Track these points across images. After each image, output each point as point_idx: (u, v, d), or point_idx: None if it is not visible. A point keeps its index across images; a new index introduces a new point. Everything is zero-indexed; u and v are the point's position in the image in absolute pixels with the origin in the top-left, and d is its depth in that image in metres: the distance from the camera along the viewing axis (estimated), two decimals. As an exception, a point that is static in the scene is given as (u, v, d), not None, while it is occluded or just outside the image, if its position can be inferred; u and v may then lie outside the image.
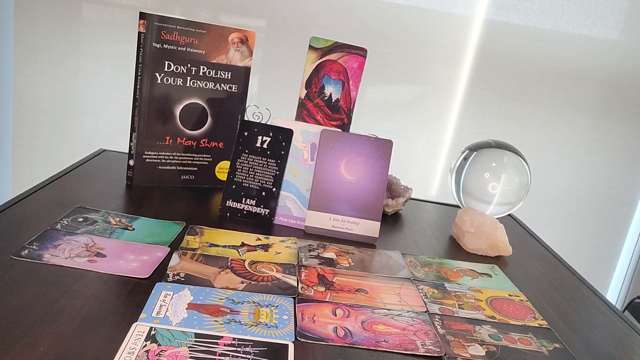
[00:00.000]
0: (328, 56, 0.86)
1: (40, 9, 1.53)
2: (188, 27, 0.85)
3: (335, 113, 0.87)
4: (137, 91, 0.84)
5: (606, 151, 1.72)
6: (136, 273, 0.59)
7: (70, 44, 1.56)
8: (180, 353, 0.46)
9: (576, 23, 1.60)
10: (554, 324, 0.63)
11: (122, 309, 0.52)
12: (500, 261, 0.81)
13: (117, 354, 0.45)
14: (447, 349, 0.54)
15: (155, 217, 0.76)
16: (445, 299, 0.65)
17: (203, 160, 0.92)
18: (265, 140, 0.82)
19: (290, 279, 0.63)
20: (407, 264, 0.74)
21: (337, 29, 1.59)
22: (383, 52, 1.62)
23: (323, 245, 0.76)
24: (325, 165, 0.81)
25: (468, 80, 1.65)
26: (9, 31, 1.54)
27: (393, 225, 0.91)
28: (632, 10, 1.59)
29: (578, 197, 1.75)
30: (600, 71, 1.64)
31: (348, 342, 0.52)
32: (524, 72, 1.64)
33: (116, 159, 0.98)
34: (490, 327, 0.60)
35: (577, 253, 1.79)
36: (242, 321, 0.53)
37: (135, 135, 0.86)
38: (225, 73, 0.89)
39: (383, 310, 0.60)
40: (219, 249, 0.69)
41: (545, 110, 1.68)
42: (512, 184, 0.92)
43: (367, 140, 0.81)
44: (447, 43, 1.63)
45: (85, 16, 1.55)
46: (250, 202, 0.81)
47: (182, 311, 0.53)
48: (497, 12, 1.59)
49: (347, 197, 0.80)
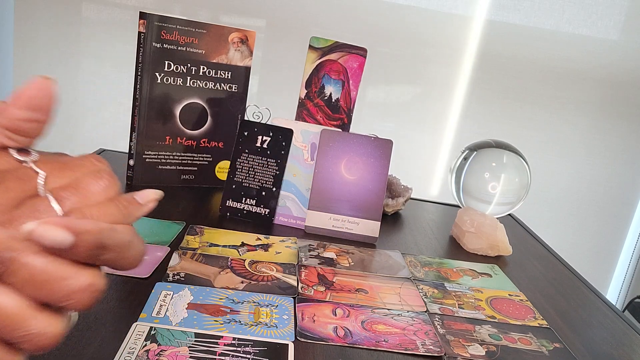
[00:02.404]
0: (328, 56, 0.86)
1: (40, 9, 1.53)
2: (188, 27, 0.85)
3: (335, 113, 0.87)
4: (137, 91, 0.84)
5: (606, 151, 1.72)
6: (136, 273, 0.59)
7: (70, 43, 1.56)
8: (180, 353, 0.46)
9: (576, 23, 1.60)
10: (554, 324, 0.63)
11: (122, 308, 0.52)
12: (500, 261, 0.81)
13: (117, 354, 0.45)
14: (447, 348, 0.53)
15: (155, 217, 0.76)
16: (445, 299, 0.65)
17: (203, 160, 0.92)
18: (265, 140, 0.81)
19: (290, 279, 0.63)
20: (407, 263, 0.74)
21: (337, 29, 1.59)
22: (383, 52, 1.62)
23: (323, 245, 0.76)
24: (325, 165, 0.81)
25: (468, 80, 1.66)
26: (9, 31, 1.54)
27: (393, 225, 0.91)
28: (632, 10, 1.59)
29: (578, 197, 1.75)
30: (600, 71, 1.64)
31: (348, 342, 0.52)
32: (524, 72, 1.64)
33: (116, 159, 0.97)
34: (490, 326, 0.60)
35: (577, 253, 1.79)
36: (242, 321, 0.53)
37: (135, 135, 0.86)
38: (225, 73, 0.89)
39: (383, 310, 0.60)
40: (219, 249, 0.69)
41: (545, 110, 1.68)
42: (512, 184, 0.92)
43: (367, 140, 0.81)
44: (448, 43, 1.63)
45: (85, 16, 1.55)
46: (250, 202, 0.81)
47: (182, 311, 0.53)
48: (498, 12, 1.59)
49: (347, 197, 0.80)
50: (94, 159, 0.30)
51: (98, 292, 0.26)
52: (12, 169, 0.27)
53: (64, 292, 0.25)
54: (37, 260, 0.24)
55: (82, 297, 0.26)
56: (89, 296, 0.26)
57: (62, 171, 0.28)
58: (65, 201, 0.27)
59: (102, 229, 0.26)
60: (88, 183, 0.28)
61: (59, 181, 0.28)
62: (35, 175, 0.27)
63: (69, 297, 0.25)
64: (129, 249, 0.28)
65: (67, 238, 0.24)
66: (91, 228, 0.25)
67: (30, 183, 0.27)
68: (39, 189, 0.27)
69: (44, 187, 0.27)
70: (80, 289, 0.25)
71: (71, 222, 0.25)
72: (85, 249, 0.25)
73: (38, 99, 0.27)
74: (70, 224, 0.25)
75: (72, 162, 0.29)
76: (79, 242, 0.25)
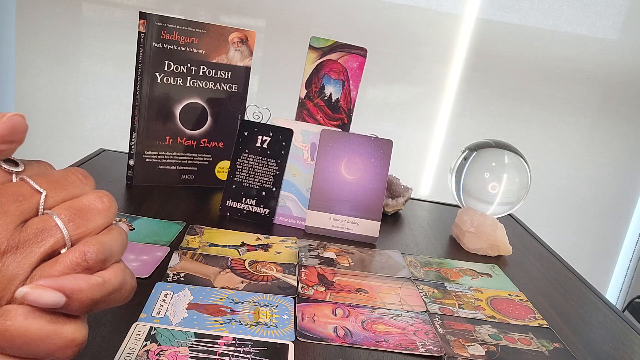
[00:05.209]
0: (328, 56, 0.86)
1: (41, 9, 1.53)
2: (188, 27, 0.85)
3: (335, 113, 0.87)
4: (137, 91, 0.84)
5: (606, 151, 1.72)
6: (136, 273, 0.59)
7: (71, 43, 1.57)
8: (180, 353, 0.46)
9: (575, 23, 1.60)
10: (554, 324, 0.63)
11: (122, 308, 0.52)
12: (500, 261, 0.81)
13: (117, 354, 0.45)
14: (447, 348, 0.54)
15: (155, 217, 0.76)
16: (445, 299, 0.65)
17: (203, 160, 0.92)
18: (265, 140, 0.82)
19: (290, 279, 0.63)
20: (407, 263, 0.74)
21: (337, 29, 1.59)
22: (383, 52, 1.62)
23: (323, 245, 0.76)
24: (325, 165, 0.81)
25: (468, 80, 1.66)
26: (10, 31, 1.54)
27: (393, 225, 0.91)
28: (632, 10, 1.59)
29: (578, 197, 1.75)
30: (600, 71, 1.64)
31: (348, 342, 0.52)
32: (524, 71, 1.64)
33: (116, 159, 0.98)
34: (490, 326, 0.60)
35: (577, 253, 1.79)
36: (242, 321, 0.53)
37: (135, 135, 0.86)
38: (225, 73, 0.89)
39: (383, 310, 0.60)
40: (219, 249, 0.69)
41: (545, 110, 1.68)
42: (512, 183, 0.92)
43: (367, 140, 0.81)
44: (448, 43, 1.63)
45: (85, 16, 1.55)
46: (250, 202, 0.81)
47: (182, 311, 0.53)
48: (497, 13, 1.59)
49: (347, 197, 0.80)
50: (82, 175, 0.30)
51: (80, 345, 0.27)
52: (4, 182, 0.27)
53: (46, 351, 0.25)
54: (20, 323, 0.24)
55: (64, 352, 0.26)
56: (71, 350, 0.26)
57: (57, 189, 0.28)
58: (70, 223, 0.27)
59: (93, 286, 0.26)
60: (90, 204, 0.28)
61: (56, 198, 0.28)
62: (33, 192, 0.27)
63: (52, 354, 0.26)
64: (121, 290, 0.28)
65: (60, 300, 0.25)
66: (84, 287, 0.25)
67: (29, 201, 0.27)
68: (40, 207, 0.27)
69: (43, 204, 0.27)
70: (63, 346, 0.26)
71: (65, 283, 0.25)
72: (77, 306, 0.26)
73: (10, 136, 0.27)
74: (64, 285, 0.25)
75: (64, 179, 0.29)
76: (71, 301, 0.25)
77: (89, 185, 0.29)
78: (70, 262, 0.26)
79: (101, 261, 0.27)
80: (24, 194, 0.26)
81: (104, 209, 0.28)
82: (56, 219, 0.26)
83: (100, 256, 0.27)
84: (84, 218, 0.27)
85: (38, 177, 0.28)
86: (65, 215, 0.27)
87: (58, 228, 0.26)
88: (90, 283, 0.26)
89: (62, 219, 0.27)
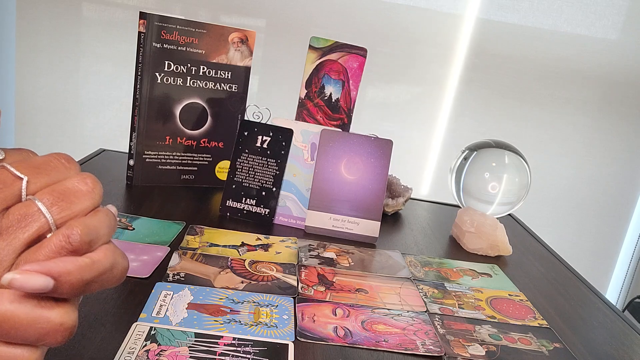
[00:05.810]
0: (328, 56, 0.86)
1: (41, 9, 1.53)
2: (188, 27, 0.85)
3: (335, 113, 0.87)
4: (137, 91, 0.84)
5: (606, 151, 1.72)
6: (136, 273, 0.59)
7: (71, 43, 1.57)
8: (180, 353, 0.46)
9: (575, 23, 1.60)
10: (554, 324, 0.63)
11: (122, 308, 0.52)
12: (500, 261, 0.81)
13: (117, 354, 0.45)
14: (447, 348, 0.54)
15: (155, 217, 0.76)
16: (445, 299, 0.65)
17: (203, 160, 0.92)
18: (265, 140, 0.82)
19: (290, 279, 0.63)
20: (407, 263, 0.74)
21: (337, 29, 1.59)
22: (383, 52, 1.62)
23: (323, 245, 0.76)
24: (325, 165, 0.81)
25: (468, 80, 1.66)
26: (10, 31, 1.54)
27: (393, 225, 0.91)
28: (632, 10, 1.59)
29: (578, 197, 1.75)
30: (599, 71, 1.64)
31: (348, 342, 0.52)
32: (524, 71, 1.64)
33: (116, 159, 0.98)
34: (490, 326, 0.60)
35: (577, 253, 1.79)
36: (242, 321, 0.53)
37: (135, 135, 0.86)
38: (225, 73, 0.89)
39: (383, 310, 0.60)
40: (219, 249, 0.69)
41: (544, 110, 1.68)
42: (512, 183, 0.92)
43: (367, 140, 0.81)
44: (447, 43, 1.63)
45: (85, 16, 1.55)
46: (250, 202, 0.81)
47: (182, 311, 0.53)
48: (497, 12, 1.59)
49: (347, 197, 0.80)
50: (64, 159, 0.29)
51: (70, 330, 0.26)
52: None
53: (35, 335, 0.25)
54: (6, 307, 0.24)
55: (54, 337, 0.26)
56: (61, 335, 0.26)
57: (39, 174, 0.27)
58: (53, 207, 0.26)
59: (82, 267, 0.26)
60: (74, 187, 0.28)
61: (39, 184, 0.27)
62: (14, 178, 0.26)
63: (41, 339, 0.25)
64: (112, 271, 0.28)
65: (49, 284, 0.24)
66: (72, 268, 0.25)
67: (10, 188, 0.26)
68: (22, 193, 0.26)
69: (25, 190, 0.26)
70: (52, 330, 0.25)
71: (51, 266, 0.24)
72: (68, 288, 0.25)
73: None
74: (51, 268, 0.24)
75: (46, 164, 0.28)
76: (60, 284, 0.25)
77: (72, 169, 0.29)
78: (55, 245, 0.26)
79: (86, 243, 0.26)
80: (4, 181, 0.26)
81: (88, 191, 0.28)
82: (39, 204, 0.26)
83: (85, 238, 0.26)
84: (67, 201, 0.27)
85: (19, 163, 0.27)
86: (48, 200, 0.26)
87: (41, 213, 0.26)
88: (77, 264, 0.25)
89: (44, 203, 0.26)
